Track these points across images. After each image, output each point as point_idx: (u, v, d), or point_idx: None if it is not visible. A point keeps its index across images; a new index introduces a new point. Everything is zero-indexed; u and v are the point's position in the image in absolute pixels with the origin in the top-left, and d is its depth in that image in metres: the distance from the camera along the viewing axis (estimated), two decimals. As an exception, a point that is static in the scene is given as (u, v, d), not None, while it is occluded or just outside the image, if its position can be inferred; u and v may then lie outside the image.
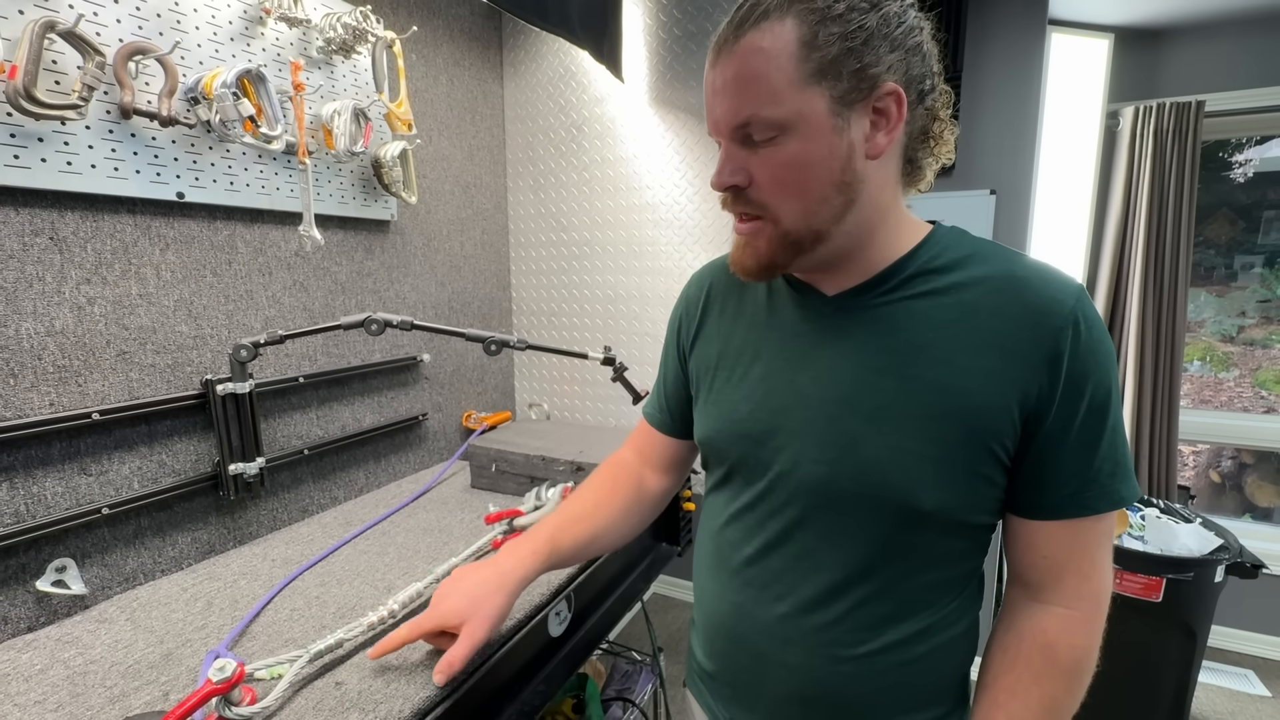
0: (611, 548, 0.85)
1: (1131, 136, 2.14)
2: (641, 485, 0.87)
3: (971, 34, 1.90)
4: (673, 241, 1.66)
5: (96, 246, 0.95)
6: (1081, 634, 0.60)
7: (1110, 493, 0.57)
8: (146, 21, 0.96)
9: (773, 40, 0.53)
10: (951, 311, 0.59)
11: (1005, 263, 0.60)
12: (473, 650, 0.70)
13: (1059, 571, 0.60)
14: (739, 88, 0.55)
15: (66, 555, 0.92)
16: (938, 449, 0.57)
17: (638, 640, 2.27)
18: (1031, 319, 0.56)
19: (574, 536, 0.79)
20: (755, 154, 0.57)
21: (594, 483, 0.87)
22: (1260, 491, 2.49)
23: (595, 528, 0.81)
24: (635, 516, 0.86)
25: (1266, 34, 2.04)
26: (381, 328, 1.10)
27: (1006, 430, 0.57)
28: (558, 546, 0.78)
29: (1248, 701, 2.06)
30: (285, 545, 1.14)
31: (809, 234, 0.58)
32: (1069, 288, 0.57)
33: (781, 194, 0.57)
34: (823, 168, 0.55)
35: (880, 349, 0.60)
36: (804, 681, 0.66)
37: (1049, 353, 0.55)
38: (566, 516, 0.82)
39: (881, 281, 0.62)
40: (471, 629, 0.70)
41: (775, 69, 0.53)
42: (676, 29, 1.56)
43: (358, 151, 1.25)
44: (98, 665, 0.79)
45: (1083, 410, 0.56)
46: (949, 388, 0.57)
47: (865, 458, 0.59)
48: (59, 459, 0.91)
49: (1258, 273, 2.40)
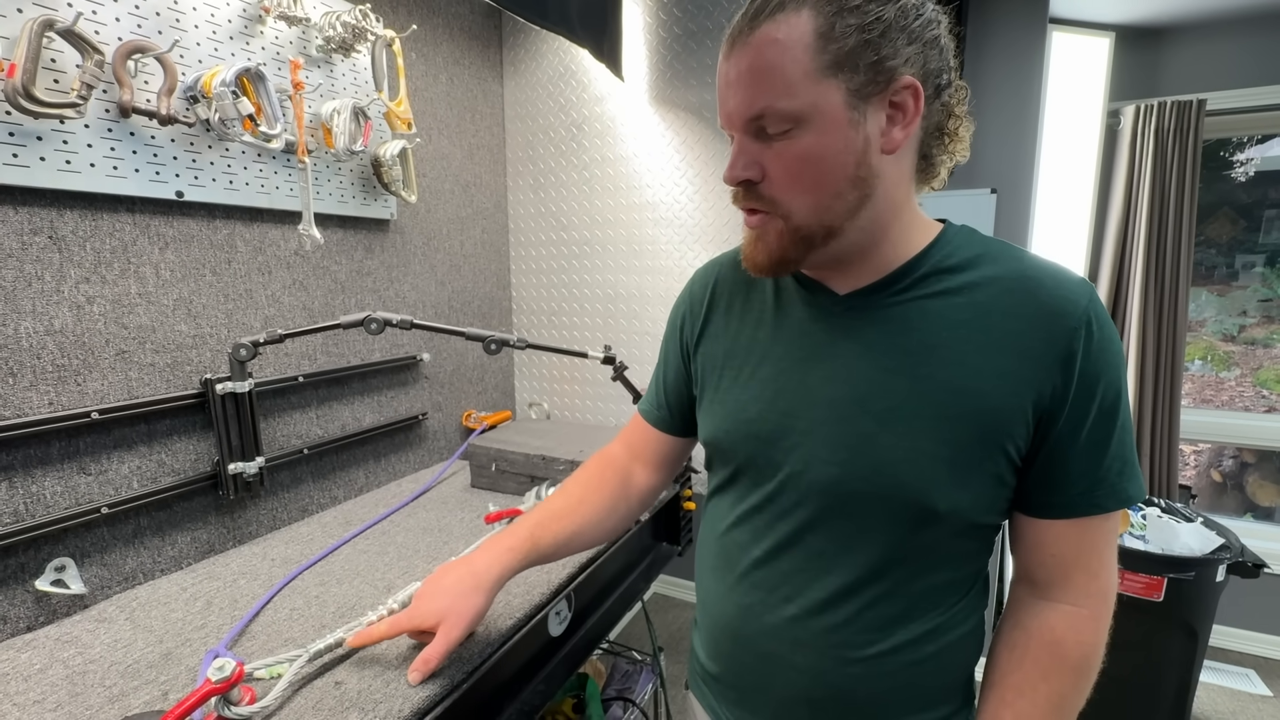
0: (594, 544, 0.84)
1: (1132, 135, 2.14)
2: (628, 481, 0.86)
3: (973, 33, 1.90)
4: (673, 240, 1.66)
5: (95, 245, 0.94)
6: (1089, 631, 0.60)
7: (1119, 491, 0.58)
8: (146, 20, 0.95)
9: (788, 31, 0.52)
10: (964, 311, 0.58)
11: (1016, 262, 0.59)
12: (448, 649, 0.70)
13: (1067, 569, 0.61)
14: (753, 79, 0.54)
15: (66, 555, 0.92)
16: (951, 450, 0.57)
17: (638, 640, 2.27)
18: (1045, 319, 0.56)
19: (554, 533, 0.78)
20: (769, 147, 0.56)
21: (579, 478, 0.86)
22: (1261, 491, 2.49)
23: (577, 524, 0.80)
24: (619, 513, 0.84)
25: (1267, 33, 2.03)
26: (381, 327, 1.10)
27: (1020, 431, 0.57)
28: (537, 543, 0.77)
29: (1249, 701, 2.06)
30: (285, 545, 1.14)
31: (821, 229, 0.58)
32: (1082, 288, 0.57)
33: (795, 188, 0.57)
34: (837, 162, 0.55)
35: (893, 349, 0.60)
36: (813, 683, 0.65)
37: (1062, 353, 0.55)
38: (548, 512, 0.80)
39: (895, 281, 0.61)
40: (447, 628, 0.70)
41: (790, 60, 0.52)
42: (676, 27, 1.56)
43: (357, 150, 1.25)
44: (97, 665, 0.79)
45: (1094, 410, 0.56)
46: (963, 388, 0.57)
47: (878, 459, 0.59)
48: (58, 458, 0.91)
49: (1259, 272, 2.39)
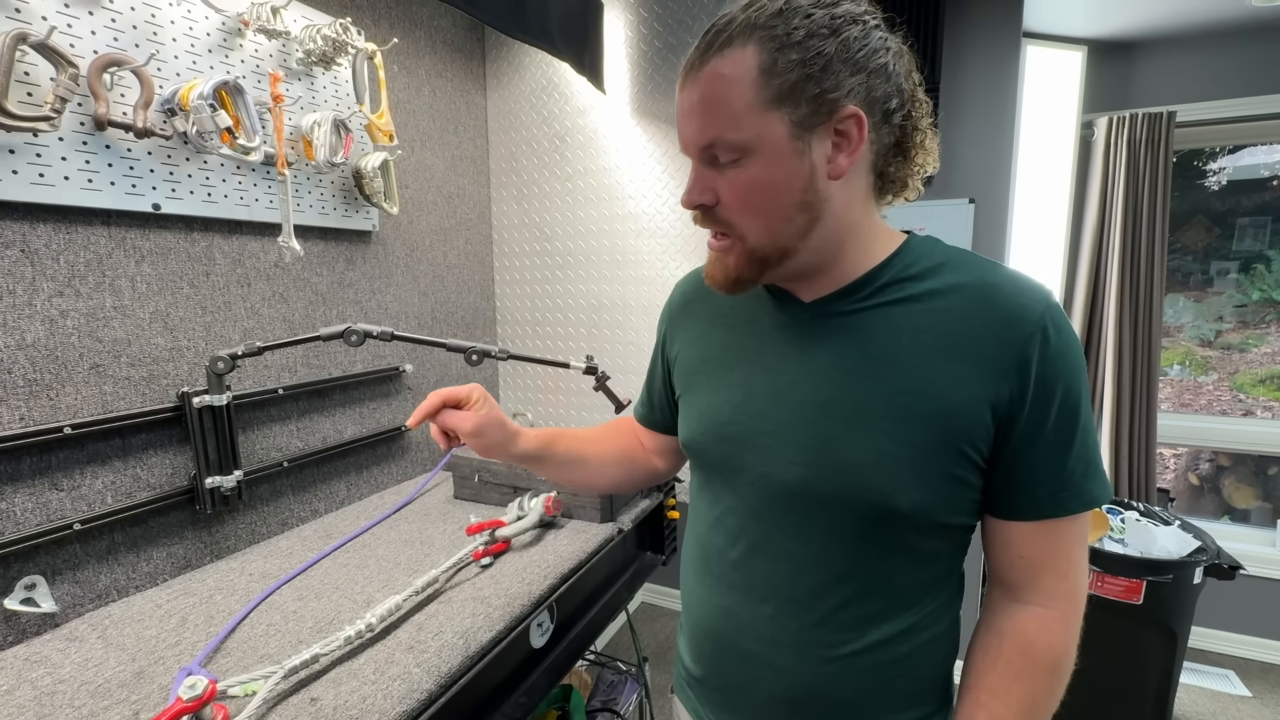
0: (591, 484, 0.90)
1: (1106, 146, 2.19)
2: (638, 452, 0.92)
3: (949, 46, 1.94)
4: (655, 251, 1.67)
5: (70, 259, 0.94)
6: (1059, 632, 0.62)
7: (1083, 493, 0.59)
8: (122, 34, 0.95)
9: (734, 67, 0.55)
10: (925, 318, 0.60)
11: (978, 271, 0.61)
12: (464, 423, 0.75)
13: (1037, 571, 0.62)
14: (704, 110, 0.57)
15: (36, 572, 0.90)
16: (913, 451, 0.59)
17: (625, 650, 2.26)
18: (1002, 325, 0.58)
19: (569, 447, 0.86)
20: (722, 174, 0.59)
21: (602, 426, 0.95)
22: (1238, 493, 2.53)
23: (590, 452, 0.88)
24: (624, 470, 0.91)
25: (1235, 46, 2.09)
26: (361, 339, 1.09)
27: (980, 434, 0.58)
28: (554, 444, 0.84)
29: (1229, 702, 2.08)
30: (263, 559, 1.12)
31: (775, 251, 0.61)
32: (1038, 295, 0.59)
33: (746, 213, 0.59)
34: (785, 189, 0.57)
35: (856, 354, 0.62)
36: (792, 683, 0.66)
37: (1018, 358, 0.57)
38: (571, 432, 0.89)
39: (858, 289, 0.64)
40: (483, 415, 0.76)
41: (736, 94, 0.55)
42: (657, 41, 1.58)
43: (338, 162, 1.25)
44: (66, 685, 0.78)
45: (1054, 414, 0.57)
46: (923, 392, 0.58)
47: (843, 460, 0.61)
48: (29, 474, 0.90)
49: (1233, 278, 2.45)
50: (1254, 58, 2.07)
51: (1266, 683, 2.17)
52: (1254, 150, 2.35)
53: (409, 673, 0.78)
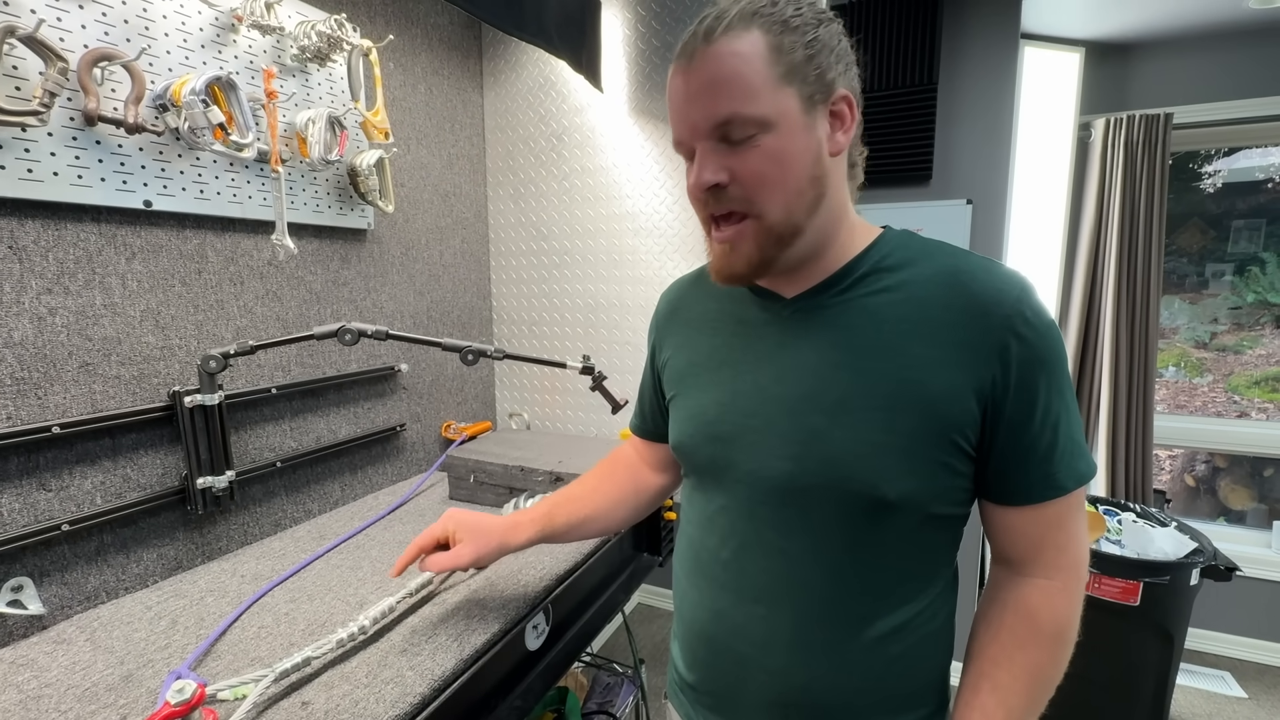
0: (605, 531, 0.92)
1: (1103, 147, 2.19)
2: (639, 478, 0.93)
3: (947, 48, 1.94)
4: (652, 250, 1.66)
5: (59, 256, 0.92)
6: (1062, 602, 0.62)
7: (1074, 471, 0.60)
8: (114, 28, 0.94)
9: (746, 45, 0.57)
10: (903, 307, 0.61)
11: (950, 259, 0.63)
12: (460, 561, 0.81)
13: (1037, 547, 0.63)
14: (716, 89, 0.58)
15: (23, 574, 0.89)
16: (899, 440, 0.59)
17: (621, 652, 2.25)
18: (978, 311, 0.59)
19: (568, 514, 0.87)
20: (734, 152, 0.59)
21: (595, 470, 0.95)
22: (1234, 495, 2.53)
23: (590, 509, 0.88)
24: (630, 505, 0.91)
25: (1231, 49, 2.10)
26: (355, 338, 1.08)
27: (966, 420, 0.59)
28: (552, 520, 0.86)
29: (1225, 703, 2.08)
30: (256, 560, 1.11)
31: (790, 227, 0.61)
32: (1012, 280, 0.60)
33: (763, 186, 0.60)
34: (799, 161, 0.59)
35: (837, 345, 0.63)
36: (785, 687, 0.66)
37: (998, 344, 0.58)
38: (564, 496, 0.90)
39: (837, 281, 0.65)
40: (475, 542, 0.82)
41: (752, 70, 0.57)
42: (655, 39, 1.57)
43: (333, 160, 1.24)
44: (53, 688, 0.76)
45: (1039, 399, 0.58)
46: (905, 379, 0.59)
47: (829, 451, 0.61)
48: (16, 474, 0.88)
49: (1228, 280, 2.45)
50: (1250, 60, 2.08)
51: (1262, 684, 2.17)
52: (1249, 153, 2.36)
53: (402, 676, 0.77)
